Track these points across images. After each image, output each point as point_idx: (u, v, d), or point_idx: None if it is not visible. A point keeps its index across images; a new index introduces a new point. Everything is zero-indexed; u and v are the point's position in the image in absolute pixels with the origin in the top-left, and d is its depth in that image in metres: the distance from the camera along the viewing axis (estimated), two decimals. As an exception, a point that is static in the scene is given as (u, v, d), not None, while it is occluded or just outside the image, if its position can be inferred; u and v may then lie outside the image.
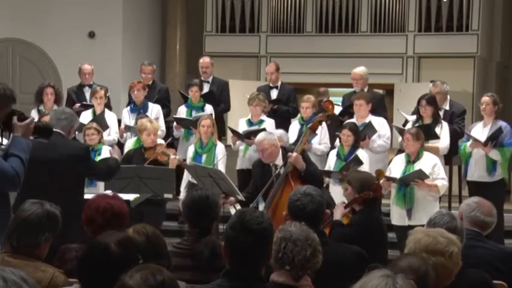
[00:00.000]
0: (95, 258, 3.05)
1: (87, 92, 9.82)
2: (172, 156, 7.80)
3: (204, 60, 10.06)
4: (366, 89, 9.25)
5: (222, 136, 9.38)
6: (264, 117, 8.95)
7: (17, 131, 4.54)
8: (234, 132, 8.85)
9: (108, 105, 9.53)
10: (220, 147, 8.47)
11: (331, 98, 10.42)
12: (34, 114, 8.91)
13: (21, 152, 4.48)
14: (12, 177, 4.41)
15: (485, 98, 8.29)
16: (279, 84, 9.72)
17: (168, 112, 9.82)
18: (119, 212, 4.22)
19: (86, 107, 9.35)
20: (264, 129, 8.52)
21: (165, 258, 3.46)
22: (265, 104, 8.97)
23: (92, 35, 11.89)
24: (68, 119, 6.04)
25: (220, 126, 9.44)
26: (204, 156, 8.40)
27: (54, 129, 5.68)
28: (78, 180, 6.00)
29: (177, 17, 12.44)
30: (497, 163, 8.12)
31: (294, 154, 6.81)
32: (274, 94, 9.65)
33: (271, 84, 9.74)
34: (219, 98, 9.80)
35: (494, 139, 8.09)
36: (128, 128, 9.10)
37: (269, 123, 8.82)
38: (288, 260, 3.26)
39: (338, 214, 5.78)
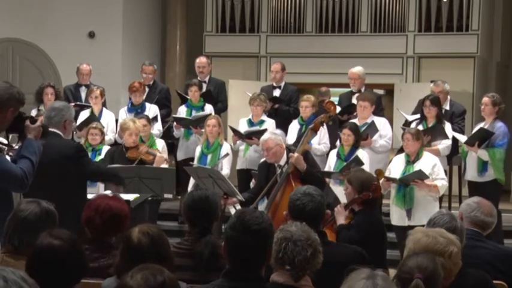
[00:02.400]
0: (41, 261, 3.08)
1: (83, 92, 9.83)
2: (158, 155, 7.79)
3: (201, 60, 10.04)
4: (363, 89, 9.25)
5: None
6: (264, 117, 8.95)
7: (29, 133, 4.59)
8: (235, 131, 8.85)
9: (103, 106, 9.53)
10: (225, 147, 8.47)
11: (331, 99, 10.46)
12: (34, 114, 8.91)
13: (33, 154, 4.52)
14: (20, 178, 4.44)
15: (485, 99, 8.25)
16: (282, 84, 9.70)
17: (168, 112, 9.82)
18: (118, 213, 4.21)
19: (82, 107, 9.35)
20: (265, 130, 8.53)
21: (168, 262, 3.43)
22: (266, 104, 8.97)
23: (92, 35, 11.89)
24: (58, 115, 5.78)
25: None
26: (209, 157, 8.40)
27: (50, 129, 5.51)
28: (75, 181, 5.81)
29: (177, 17, 12.43)
30: (488, 164, 8.10)
31: (295, 154, 6.81)
32: (277, 94, 9.63)
33: (274, 84, 9.72)
34: (217, 97, 9.80)
35: (483, 139, 8.05)
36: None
37: (270, 123, 8.82)
38: (289, 260, 3.26)
39: (341, 219, 5.76)
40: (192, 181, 8.37)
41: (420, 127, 8.23)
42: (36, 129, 4.63)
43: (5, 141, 4.86)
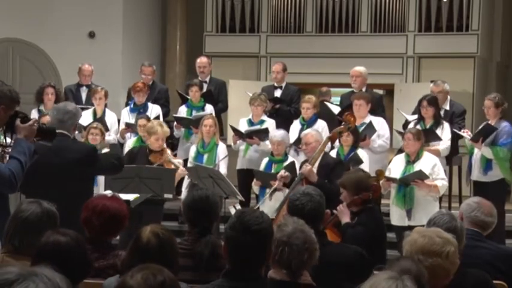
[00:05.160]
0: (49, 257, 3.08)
1: (84, 92, 9.83)
2: (181, 168, 7.76)
3: (202, 60, 10.04)
4: (364, 89, 9.23)
5: (220, 136, 9.36)
6: (264, 117, 8.94)
7: (19, 132, 4.51)
8: (236, 130, 8.85)
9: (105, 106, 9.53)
10: (222, 147, 8.47)
11: (332, 99, 10.47)
12: (34, 114, 8.91)
13: (21, 154, 4.44)
14: (8, 178, 4.38)
15: (487, 102, 8.18)
16: (283, 84, 9.69)
17: (167, 112, 9.82)
18: (116, 214, 4.19)
19: (82, 109, 9.32)
20: (266, 129, 8.53)
21: (172, 268, 3.40)
22: (266, 104, 8.97)
23: (92, 35, 11.89)
24: (71, 119, 5.73)
25: (218, 126, 9.42)
26: (205, 156, 8.40)
27: (58, 131, 5.37)
28: (87, 182, 5.86)
29: (177, 17, 12.44)
30: (492, 162, 8.08)
31: (308, 167, 6.79)
32: (278, 94, 9.62)
33: (275, 84, 9.71)
34: (217, 97, 9.80)
35: (486, 136, 8.03)
36: (129, 126, 9.04)
37: (270, 123, 8.81)
38: (285, 264, 3.26)
39: (346, 217, 5.74)
40: (186, 181, 8.36)
41: (418, 127, 8.21)
42: (27, 129, 4.51)
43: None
